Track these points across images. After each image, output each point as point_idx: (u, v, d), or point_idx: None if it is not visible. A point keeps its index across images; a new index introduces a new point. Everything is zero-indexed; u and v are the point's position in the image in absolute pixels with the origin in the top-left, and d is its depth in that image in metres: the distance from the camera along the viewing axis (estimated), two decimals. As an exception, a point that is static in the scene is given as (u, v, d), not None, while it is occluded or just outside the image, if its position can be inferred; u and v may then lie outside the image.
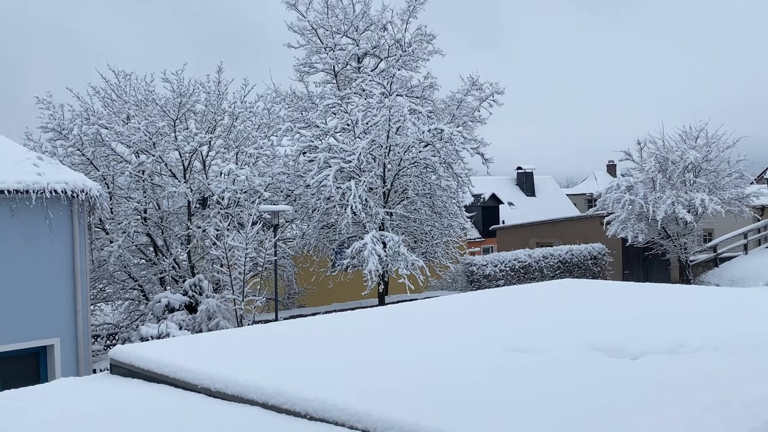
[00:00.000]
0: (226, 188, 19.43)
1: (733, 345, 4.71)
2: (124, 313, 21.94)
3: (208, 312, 16.51)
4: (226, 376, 4.27)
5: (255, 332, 6.63)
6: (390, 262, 19.15)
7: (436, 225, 22.59)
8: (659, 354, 4.59)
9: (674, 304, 7.18)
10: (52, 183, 13.59)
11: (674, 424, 3.18)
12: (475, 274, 27.41)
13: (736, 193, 25.48)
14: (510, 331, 5.75)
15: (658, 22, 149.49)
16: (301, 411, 3.73)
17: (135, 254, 21.08)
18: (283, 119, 23.07)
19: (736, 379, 3.88)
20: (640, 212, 25.01)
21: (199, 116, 21.36)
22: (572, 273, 28.77)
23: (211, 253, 18.39)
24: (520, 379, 4.19)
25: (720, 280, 24.75)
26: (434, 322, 6.58)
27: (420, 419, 3.33)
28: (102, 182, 19.41)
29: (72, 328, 13.98)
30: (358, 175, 20.03)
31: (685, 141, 26.05)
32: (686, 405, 3.46)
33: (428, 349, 5.13)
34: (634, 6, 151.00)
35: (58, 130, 19.89)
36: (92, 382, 5.02)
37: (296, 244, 22.73)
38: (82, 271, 14.24)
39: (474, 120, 23.99)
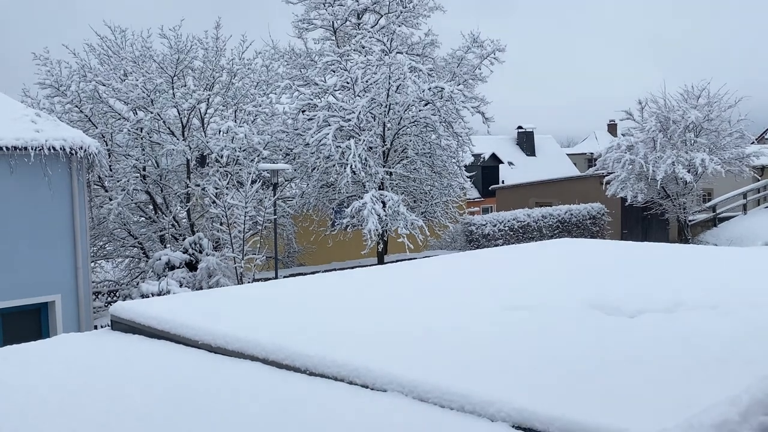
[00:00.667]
0: (224, 146, 19.37)
1: (731, 304, 4.74)
2: (124, 271, 22.05)
3: (208, 270, 16.59)
4: (226, 333, 4.30)
5: (255, 290, 6.66)
6: (389, 222, 19.18)
7: (436, 185, 22.57)
8: (656, 312, 4.61)
9: (672, 263, 7.20)
10: (50, 140, 13.54)
11: (670, 381, 3.21)
12: (474, 233, 27.47)
13: (737, 153, 25.42)
14: (508, 289, 5.77)
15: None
16: (301, 366, 3.76)
17: (134, 212, 21.11)
18: (281, 76, 22.88)
19: (733, 338, 3.91)
20: (640, 172, 24.97)
21: (197, 73, 21.18)
22: (571, 233, 28.85)
23: (211, 211, 18.41)
24: (518, 335, 4.22)
25: (718, 240, 24.83)
26: (433, 280, 6.60)
27: (418, 374, 3.36)
28: (100, 139, 19.34)
29: (73, 285, 14.06)
30: (357, 134, 19.94)
31: (686, 100, 25.89)
32: (682, 362, 3.49)
33: (427, 307, 5.16)
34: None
35: (56, 87, 19.74)
36: (93, 338, 5.06)
37: (296, 203, 22.74)
38: (82, 228, 14.27)
39: (475, 78, 23.80)
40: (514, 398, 2.99)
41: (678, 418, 2.01)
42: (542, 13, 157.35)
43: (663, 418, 2.25)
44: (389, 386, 3.35)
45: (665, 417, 2.24)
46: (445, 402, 3.13)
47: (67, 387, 3.72)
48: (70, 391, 3.65)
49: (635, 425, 2.56)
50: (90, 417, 3.19)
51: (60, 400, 3.48)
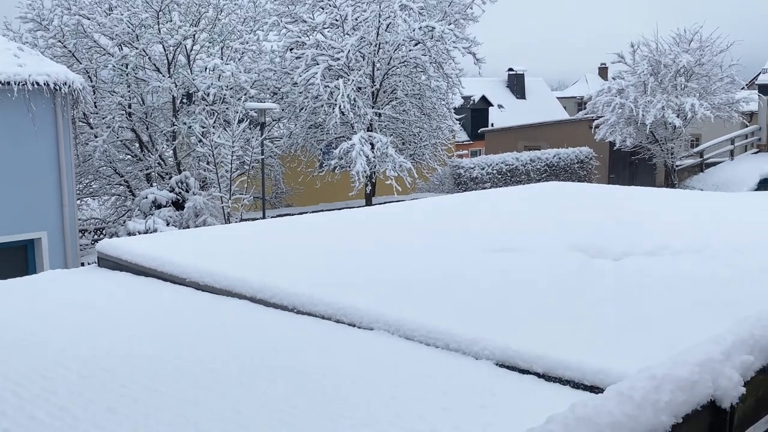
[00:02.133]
0: (211, 84, 19.10)
1: (715, 248, 4.79)
2: (110, 209, 21.96)
3: (195, 209, 16.55)
4: (214, 271, 4.31)
5: (242, 229, 6.66)
6: (378, 164, 19.11)
7: (425, 127, 22.44)
8: (641, 256, 4.66)
9: (658, 207, 7.25)
10: (33, 75, 13.28)
11: (653, 322, 3.25)
12: (462, 176, 27.49)
13: (727, 98, 25.36)
14: (494, 232, 5.80)
15: None
16: (288, 305, 3.78)
17: (120, 150, 20.91)
18: (269, 13, 22.40)
19: (716, 281, 3.96)
20: (629, 116, 24.92)
21: (182, 8, 20.70)
22: (559, 176, 28.92)
23: (197, 150, 18.27)
24: (503, 277, 4.26)
25: (705, 185, 24.97)
26: (420, 222, 6.62)
27: (404, 313, 3.39)
28: (85, 75, 19.00)
29: (59, 222, 14.00)
30: (346, 73, 19.70)
31: (678, 44, 25.67)
32: (666, 304, 3.53)
33: (413, 248, 5.18)
34: None
35: (38, 21, 19.29)
36: (80, 274, 5.06)
37: (283, 144, 22.59)
38: (68, 164, 14.14)
39: (466, 18, 23.40)
40: (498, 337, 3.02)
41: (661, 357, 2.04)
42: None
43: (646, 356, 2.29)
44: (375, 324, 3.38)
45: (649, 356, 2.28)
46: (431, 340, 3.16)
47: (53, 322, 3.73)
48: (56, 326, 3.66)
49: (618, 364, 2.61)
50: (76, 353, 3.20)
51: (46, 336, 3.49)
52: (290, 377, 2.84)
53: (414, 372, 2.89)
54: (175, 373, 2.90)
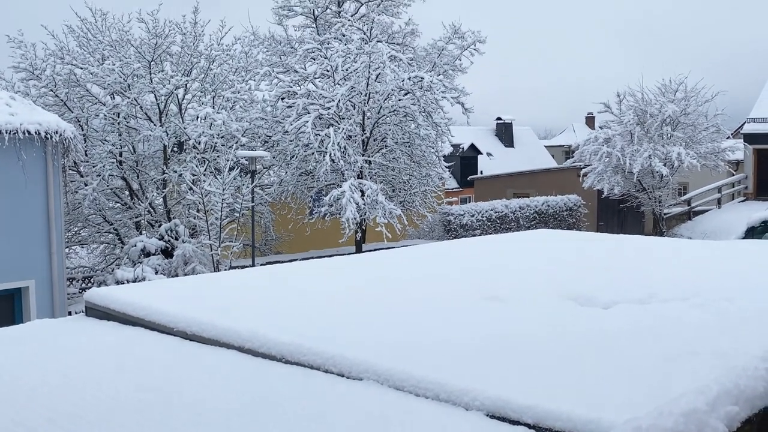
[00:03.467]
0: (202, 132, 19.23)
1: (704, 296, 4.80)
2: (99, 257, 21.86)
3: (184, 257, 16.49)
4: (202, 320, 4.28)
5: (231, 277, 6.64)
6: (368, 211, 19.18)
7: (415, 174, 22.60)
8: (630, 303, 4.67)
9: (647, 255, 7.28)
10: (25, 123, 13.35)
11: (641, 371, 3.25)
12: (452, 223, 27.57)
13: (713, 147, 25.72)
14: (484, 279, 5.80)
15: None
16: (277, 354, 3.76)
17: (110, 198, 20.92)
18: (261, 63, 22.72)
19: (705, 330, 3.97)
20: (616, 164, 25.18)
21: (175, 58, 20.97)
22: (548, 224, 29.05)
23: (188, 198, 18.29)
24: (492, 325, 4.25)
25: (693, 233, 25.13)
26: (410, 269, 6.62)
27: (393, 364, 3.37)
28: (76, 124, 19.11)
29: (47, 270, 13.91)
30: (337, 122, 19.89)
31: (664, 94, 26.12)
32: (654, 353, 3.53)
33: (403, 296, 5.17)
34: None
35: (30, 70, 19.46)
36: (67, 324, 5.01)
37: (274, 191, 22.66)
38: (57, 213, 14.11)
39: (455, 69, 23.80)
40: (489, 387, 3.01)
41: (649, 407, 2.04)
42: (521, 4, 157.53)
43: (634, 407, 2.29)
44: (365, 374, 3.36)
45: (636, 406, 2.28)
46: (421, 391, 3.14)
47: (39, 373, 3.69)
48: (42, 377, 3.62)
49: (607, 414, 2.60)
50: (63, 404, 3.16)
51: (32, 386, 3.45)
52: (279, 428, 2.81)
53: (404, 423, 2.87)
54: (162, 424, 2.87)
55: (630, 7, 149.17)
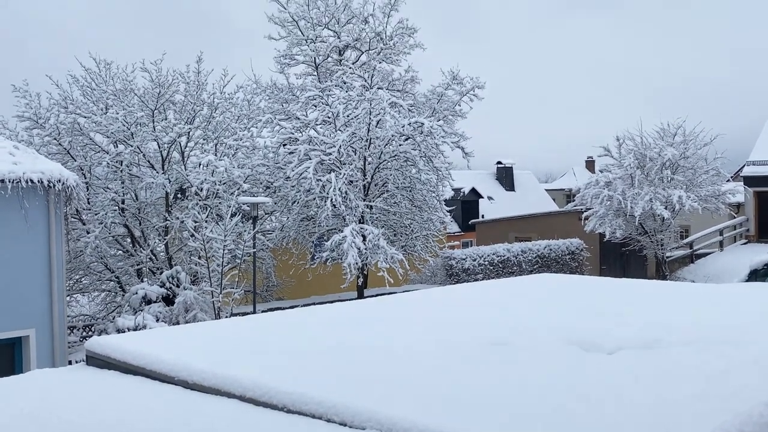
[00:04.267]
0: (204, 179, 19.34)
1: (708, 340, 4.77)
2: (100, 305, 21.80)
3: (185, 304, 16.44)
4: (203, 369, 4.25)
5: (232, 324, 6.61)
6: (369, 255, 19.17)
7: (416, 218, 22.65)
8: (635, 349, 4.63)
9: (650, 299, 7.25)
10: (28, 172, 13.44)
11: (647, 418, 3.22)
12: (454, 268, 27.51)
13: (713, 190, 25.80)
14: (487, 324, 5.77)
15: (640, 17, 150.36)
16: (279, 404, 3.72)
17: (112, 245, 20.95)
18: (263, 111, 23.00)
19: (711, 374, 3.93)
20: (618, 208, 25.23)
21: (178, 106, 21.22)
22: (550, 268, 28.98)
23: (189, 244, 18.31)
24: (496, 372, 4.21)
25: (696, 277, 25.05)
26: (412, 315, 6.59)
27: (396, 412, 3.34)
28: (79, 172, 19.24)
29: (48, 319, 13.86)
30: (338, 167, 20.01)
31: (663, 138, 26.30)
32: (661, 398, 3.50)
33: (405, 342, 5.14)
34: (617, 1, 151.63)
35: (35, 120, 19.67)
36: (68, 374, 4.98)
37: (275, 237, 22.68)
38: (58, 261, 14.11)
39: (454, 114, 24.04)
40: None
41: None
42: (520, 49, 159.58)
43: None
44: (368, 423, 3.33)
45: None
46: (424, 439, 3.10)
47: (39, 424, 3.65)
48: (42, 428, 3.58)
49: (613, 463, 2.56)
50: (62, 455, 3.12)
51: (31, 438, 3.41)
52: (280, 480, 2.77)
53: (407, 473, 2.82)
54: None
55: (629, 53, 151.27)
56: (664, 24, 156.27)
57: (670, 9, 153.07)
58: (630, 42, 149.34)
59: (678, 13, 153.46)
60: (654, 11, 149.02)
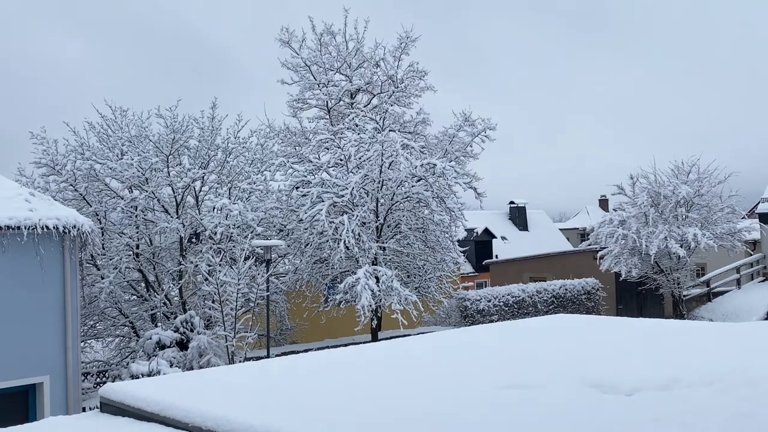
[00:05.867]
0: (218, 223, 19.43)
1: (727, 380, 4.70)
2: (114, 350, 21.75)
3: (199, 349, 16.39)
4: (217, 414, 4.23)
5: (246, 369, 6.58)
6: (383, 297, 19.08)
7: (429, 259, 22.57)
8: (653, 390, 4.57)
9: (668, 339, 7.16)
10: (43, 219, 13.56)
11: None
12: (468, 309, 27.33)
13: (728, 227, 25.59)
14: (504, 367, 5.71)
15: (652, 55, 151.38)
16: (293, 450, 3.68)
17: (126, 290, 20.99)
18: (276, 154, 23.19)
19: (730, 415, 3.86)
20: (633, 247, 25.06)
21: (192, 152, 21.43)
22: (566, 308, 28.73)
23: (203, 288, 18.32)
24: (515, 416, 4.16)
25: (713, 315, 24.75)
26: (428, 357, 6.54)
27: (413, 458, 3.30)
28: (94, 218, 19.38)
29: (62, 366, 13.83)
30: (351, 209, 20.06)
31: (677, 176, 26.23)
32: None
33: (422, 386, 5.09)
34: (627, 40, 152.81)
35: (51, 166, 19.91)
36: (82, 421, 4.96)
37: (289, 279, 22.66)
38: (73, 307, 14.14)
39: (466, 155, 24.14)
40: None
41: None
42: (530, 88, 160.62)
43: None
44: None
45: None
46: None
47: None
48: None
49: None
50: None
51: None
52: None
53: None
54: None
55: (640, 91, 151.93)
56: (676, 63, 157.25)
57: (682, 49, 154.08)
58: (642, 80, 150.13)
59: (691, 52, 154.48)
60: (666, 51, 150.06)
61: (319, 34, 24.36)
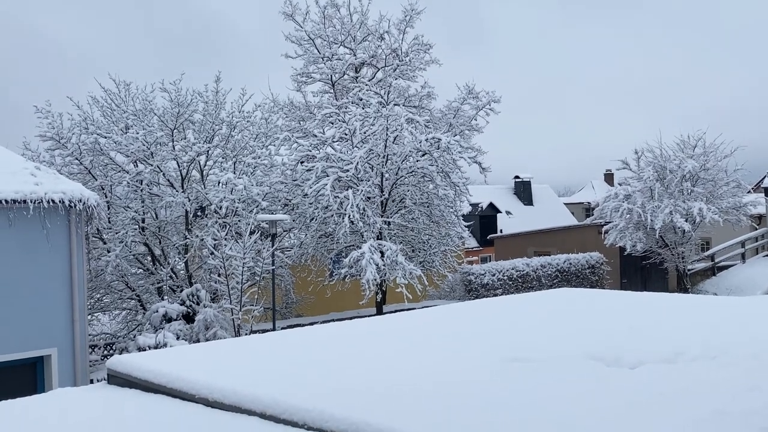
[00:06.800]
0: (223, 198, 19.44)
1: (731, 354, 4.72)
2: (121, 323, 21.91)
3: (205, 322, 16.49)
4: (223, 386, 4.26)
5: (252, 342, 6.62)
6: (388, 272, 19.14)
7: (434, 234, 22.59)
8: (657, 363, 4.59)
9: (672, 313, 7.18)
10: (49, 193, 13.58)
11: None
12: (473, 283, 27.40)
13: (734, 202, 25.52)
14: (508, 340, 5.74)
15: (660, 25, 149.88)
16: (299, 421, 3.72)
17: (132, 264, 21.07)
18: (280, 129, 23.12)
19: (734, 389, 3.88)
20: (638, 221, 25.03)
21: (197, 126, 21.39)
22: (570, 282, 28.77)
23: (209, 262, 18.39)
24: (518, 388, 4.19)
25: (718, 289, 24.77)
26: (432, 331, 6.57)
27: (416, 427, 3.33)
28: (100, 192, 19.41)
29: (69, 338, 13.94)
30: (355, 184, 20.04)
31: (682, 150, 26.11)
32: (684, 414, 3.46)
33: (426, 359, 5.13)
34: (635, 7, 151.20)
35: (57, 139, 19.90)
36: (90, 392, 5.01)
37: (294, 254, 22.72)
38: (80, 280, 14.22)
39: (471, 129, 24.04)
40: (515, 452, 2.95)
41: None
42: (536, 61, 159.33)
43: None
44: (388, 441, 3.32)
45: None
46: (445, 457, 3.09)
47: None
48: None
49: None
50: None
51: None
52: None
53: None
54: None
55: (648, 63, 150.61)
56: (684, 35, 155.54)
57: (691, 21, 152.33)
58: (650, 52, 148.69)
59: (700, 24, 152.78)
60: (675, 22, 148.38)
61: (323, 7, 24.18)
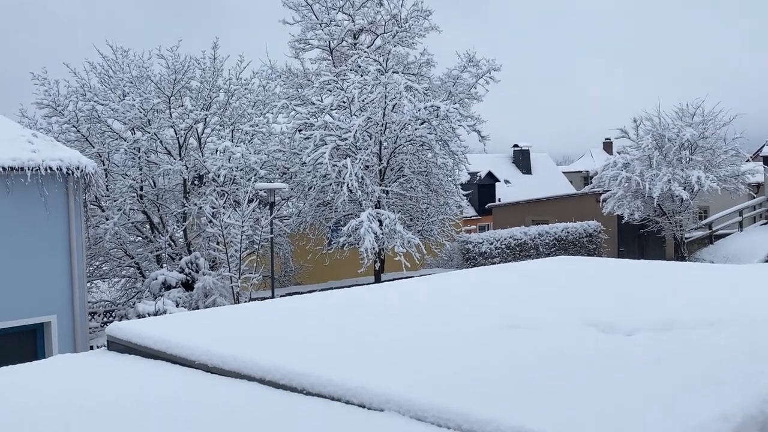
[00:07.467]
0: (221, 166, 19.41)
1: (728, 321, 4.74)
2: (120, 291, 22.02)
3: (204, 289, 16.56)
4: (223, 353, 4.29)
5: (251, 309, 6.65)
6: (386, 240, 19.19)
7: (432, 203, 22.61)
8: (653, 330, 4.62)
9: (669, 280, 7.21)
10: (47, 160, 13.56)
11: (665, 399, 3.21)
12: (471, 251, 27.49)
13: (732, 170, 25.53)
14: (504, 308, 5.77)
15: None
16: (298, 386, 3.75)
17: (131, 232, 21.12)
18: (278, 96, 23.02)
19: (730, 356, 3.91)
20: (636, 189, 25.06)
21: (194, 93, 21.28)
22: (568, 250, 28.88)
23: (207, 230, 18.42)
24: (515, 354, 4.22)
25: (715, 257, 24.87)
26: (430, 298, 6.60)
27: (415, 393, 3.36)
28: (97, 159, 19.37)
29: (69, 305, 14.02)
30: (354, 152, 20.00)
31: (681, 118, 26.04)
32: (679, 380, 3.49)
33: (423, 326, 5.15)
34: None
35: (53, 107, 19.81)
36: (89, 358, 5.04)
37: (292, 222, 22.76)
38: (78, 248, 14.25)
39: (470, 97, 23.94)
40: (511, 417, 2.98)
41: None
42: (535, 30, 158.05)
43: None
44: (386, 405, 3.34)
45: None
46: (443, 421, 3.12)
47: (61, 408, 3.71)
48: (64, 412, 3.63)
49: (632, 444, 2.57)
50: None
51: (54, 422, 3.47)
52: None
53: (425, 454, 2.84)
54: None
55: (647, 32, 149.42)
56: (683, 3, 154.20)
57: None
58: (649, 20, 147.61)
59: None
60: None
61: (322, -28, 23.92)
